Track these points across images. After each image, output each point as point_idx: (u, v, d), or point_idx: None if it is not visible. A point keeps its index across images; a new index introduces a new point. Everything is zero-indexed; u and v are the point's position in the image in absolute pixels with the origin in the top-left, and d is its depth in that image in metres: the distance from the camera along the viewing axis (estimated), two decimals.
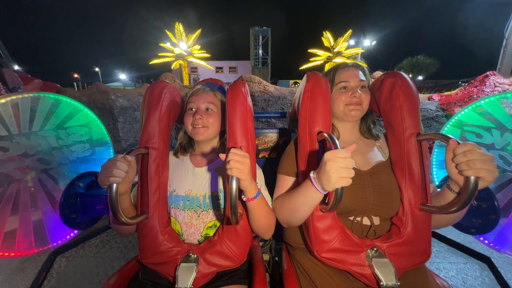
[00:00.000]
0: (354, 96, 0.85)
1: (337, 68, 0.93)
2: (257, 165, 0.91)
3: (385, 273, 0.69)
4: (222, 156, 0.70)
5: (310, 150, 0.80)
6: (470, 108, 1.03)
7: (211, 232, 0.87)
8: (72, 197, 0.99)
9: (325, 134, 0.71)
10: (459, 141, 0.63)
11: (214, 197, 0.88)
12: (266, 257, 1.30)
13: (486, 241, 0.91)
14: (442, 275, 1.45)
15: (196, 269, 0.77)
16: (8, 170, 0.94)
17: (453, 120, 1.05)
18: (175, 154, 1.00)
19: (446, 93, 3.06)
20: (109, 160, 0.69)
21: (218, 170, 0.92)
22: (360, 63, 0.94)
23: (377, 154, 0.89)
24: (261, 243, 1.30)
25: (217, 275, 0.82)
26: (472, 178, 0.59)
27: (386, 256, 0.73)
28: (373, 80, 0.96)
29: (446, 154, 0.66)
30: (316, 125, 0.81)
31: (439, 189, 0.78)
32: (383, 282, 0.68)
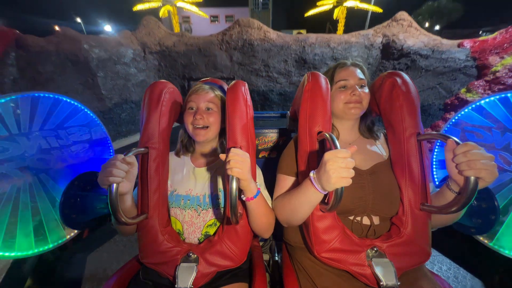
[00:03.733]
0: (354, 94, 0.85)
1: (336, 67, 0.93)
2: (256, 165, 0.91)
3: (385, 273, 0.69)
4: (222, 156, 0.70)
5: (310, 150, 0.80)
6: (470, 108, 1.03)
7: (211, 230, 0.87)
8: (72, 197, 0.99)
9: (325, 134, 0.71)
10: (459, 141, 0.63)
11: (214, 197, 0.88)
12: (266, 257, 1.30)
13: (485, 241, 0.91)
14: (443, 269, 1.45)
15: (196, 269, 0.77)
16: (8, 170, 0.94)
17: (453, 120, 1.05)
18: (177, 154, 1.00)
19: (481, 38, 2.65)
20: (109, 160, 0.69)
21: (218, 170, 0.92)
22: (359, 61, 0.94)
23: (377, 154, 0.89)
24: (261, 243, 1.30)
25: (218, 274, 0.82)
26: (472, 178, 0.59)
27: (386, 256, 0.73)
28: (397, 17, 0.92)
29: (446, 154, 0.66)
30: (316, 125, 0.81)
31: (437, 189, 0.78)
32: (383, 282, 0.68)
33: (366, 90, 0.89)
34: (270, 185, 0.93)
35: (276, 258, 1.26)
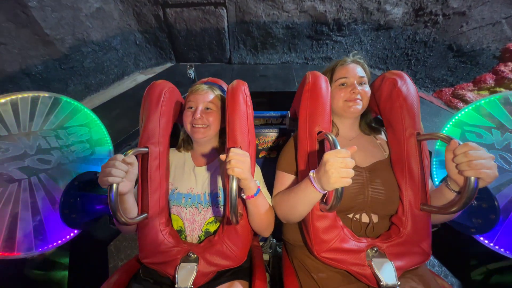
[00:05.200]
0: (354, 92, 0.85)
1: (336, 64, 0.94)
2: (255, 163, 0.92)
3: (385, 273, 0.69)
4: (222, 157, 0.70)
5: (310, 150, 0.80)
6: (470, 108, 1.03)
7: (211, 227, 0.88)
8: (72, 197, 0.99)
9: (325, 134, 0.71)
10: (460, 141, 0.63)
11: (214, 195, 0.89)
12: (266, 257, 1.30)
13: (486, 241, 0.91)
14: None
15: (196, 269, 0.77)
16: (8, 170, 0.94)
17: (453, 120, 1.05)
18: (178, 149, 1.02)
19: None
20: (108, 161, 0.69)
21: (218, 168, 0.93)
22: (360, 59, 0.94)
23: (377, 152, 0.90)
24: (261, 243, 1.30)
25: (217, 273, 0.82)
26: (473, 178, 0.59)
27: (386, 256, 0.73)
28: None
29: (446, 154, 0.66)
30: (316, 125, 0.81)
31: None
32: (383, 282, 0.68)
33: (367, 88, 0.89)
34: (270, 185, 0.93)
35: (276, 258, 1.26)
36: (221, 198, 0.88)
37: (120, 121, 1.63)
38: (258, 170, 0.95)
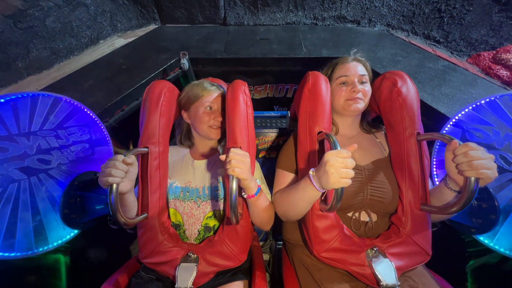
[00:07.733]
0: (354, 91, 0.85)
1: (337, 62, 0.94)
2: (255, 160, 0.93)
3: (385, 273, 0.69)
4: (222, 157, 0.70)
5: (310, 149, 0.80)
6: (470, 107, 1.03)
7: (210, 222, 0.89)
8: (72, 197, 0.99)
9: (326, 134, 0.71)
10: (460, 141, 0.63)
11: (213, 188, 0.90)
12: (266, 257, 1.30)
13: (486, 241, 0.91)
14: None
15: (196, 269, 0.77)
16: (8, 170, 0.94)
17: (453, 120, 1.05)
18: (178, 143, 1.04)
19: None
20: (108, 161, 0.69)
21: (217, 162, 0.94)
22: (361, 57, 0.94)
23: (377, 150, 0.90)
24: (261, 243, 1.30)
25: (218, 273, 0.83)
26: (473, 178, 0.59)
27: (386, 256, 0.73)
28: None
29: (447, 154, 0.66)
30: (316, 125, 0.81)
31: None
32: (383, 282, 0.68)
33: (368, 86, 0.89)
34: (270, 185, 0.94)
35: (276, 258, 1.26)
36: (220, 192, 0.89)
37: (94, 94, 1.38)
38: (258, 167, 0.95)
